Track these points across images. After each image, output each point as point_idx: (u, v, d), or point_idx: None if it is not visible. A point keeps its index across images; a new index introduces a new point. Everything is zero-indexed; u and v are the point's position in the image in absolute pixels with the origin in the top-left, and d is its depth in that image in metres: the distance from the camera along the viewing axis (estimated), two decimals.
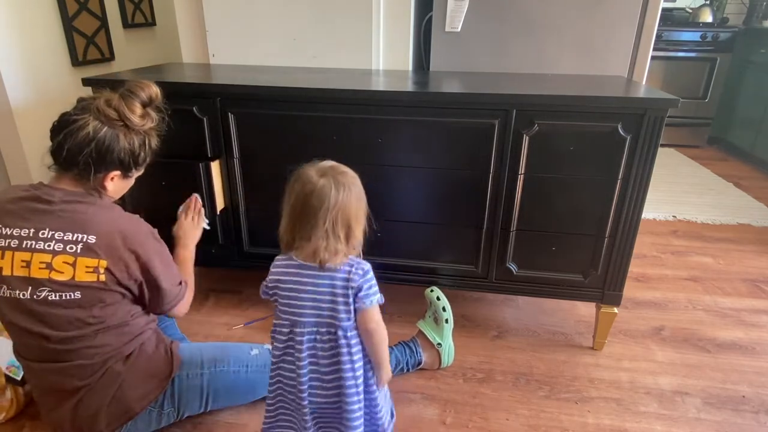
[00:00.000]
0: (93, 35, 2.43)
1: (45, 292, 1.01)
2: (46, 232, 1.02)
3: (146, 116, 1.11)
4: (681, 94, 3.59)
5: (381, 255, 1.58)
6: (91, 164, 1.04)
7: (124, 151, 1.07)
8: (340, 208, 0.93)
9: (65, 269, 1.01)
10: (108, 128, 1.05)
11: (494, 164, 1.41)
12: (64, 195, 1.04)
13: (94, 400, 1.08)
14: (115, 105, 1.06)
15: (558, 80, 1.61)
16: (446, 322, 1.45)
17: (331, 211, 0.92)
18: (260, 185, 1.57)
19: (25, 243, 1.01)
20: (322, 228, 0.92)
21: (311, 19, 1.87)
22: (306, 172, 0.95)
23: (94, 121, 1.04)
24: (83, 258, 1.02)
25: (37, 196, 1.04)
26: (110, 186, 1.10)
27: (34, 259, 1.01)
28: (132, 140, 1.08)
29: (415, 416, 1.33)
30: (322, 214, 0.92)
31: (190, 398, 1.21)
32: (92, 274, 1.02)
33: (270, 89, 1.45)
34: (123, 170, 1.10)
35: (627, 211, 1.39)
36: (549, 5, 1.84)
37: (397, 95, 1.40)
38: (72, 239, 1.02)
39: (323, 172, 0.94)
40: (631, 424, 1.32)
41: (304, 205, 0.93)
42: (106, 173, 1.07)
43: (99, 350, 1.07)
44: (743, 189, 3.04)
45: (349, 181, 0.95)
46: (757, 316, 1.79)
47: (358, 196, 0.97)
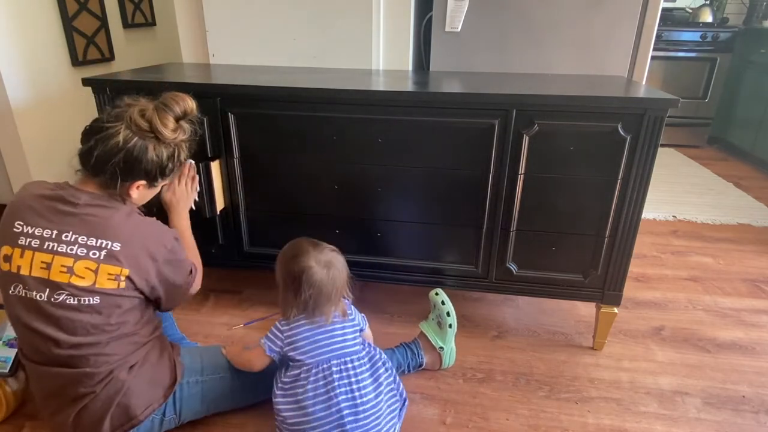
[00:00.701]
0: (93, 35, 2.43)
1: (63, 296, 1.01)
2: (69, 235, 1.01)
3: (178, 129, 1.11)
4: (681, 94, 3.61)
5: (381, 255, 1.59)
6: (118, 173, 1.05)
7: (152, 163, 1.07)
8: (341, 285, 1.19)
9: (87, 275, 1.01)
10: (138, 139, 1.05)
11: (494, 164, 1.41)
12: (89, 198, 1.04)
13: (98, 407, 1.08)
14: (148, 117, 1.06)
15: (558, 80, 1.61)
16: (449, 327, 1.45)
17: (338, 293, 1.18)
18: (260, 185, 1.57)
19: (47, 244, 1.01)
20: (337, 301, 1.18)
21: (311, 19, 1.87)
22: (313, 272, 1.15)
23: (125, 131, 1.04)
24: (106, 265, 1.02)
25: (62, 197, 1.03)
26: (135, 194, 1.11)
27: (55, 261, 1.00)
28: (161, 152, 1.08)
29: (415, 416, 1.33)
30: (333, 297, 1.17)
31: (191, 404, 1.21)
32: (113, 282, 1.03)
33: (270, 89, 1.45)
34: (149, 180, 1.11)
35: (627, 211, 1.39)
36: (549, 5, 1.84)
37: (397, 95, 1.40)
38: (96, 245, 1.02)
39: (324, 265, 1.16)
40: (631, 424, 1.32)
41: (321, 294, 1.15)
42: (132, 183, 1.08)
43: (107, 359, 1.07)
44: (743, 189, 3.04)
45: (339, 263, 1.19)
46: (757, 316, 1.79)
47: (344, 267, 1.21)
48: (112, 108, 1.08)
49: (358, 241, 1.58)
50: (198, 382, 1.22)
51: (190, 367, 1.22)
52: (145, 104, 1.08)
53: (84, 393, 1.07)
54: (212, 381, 1.24)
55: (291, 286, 1.16)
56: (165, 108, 1.08)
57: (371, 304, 1.80)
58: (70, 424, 1.09)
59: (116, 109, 1.07)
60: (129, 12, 2.70)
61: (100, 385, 1.07)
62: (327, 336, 1.17)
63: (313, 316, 1.17)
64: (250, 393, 1.30)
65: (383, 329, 1.67)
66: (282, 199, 1.57)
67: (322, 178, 1.51)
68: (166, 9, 3.00)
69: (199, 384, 1.22)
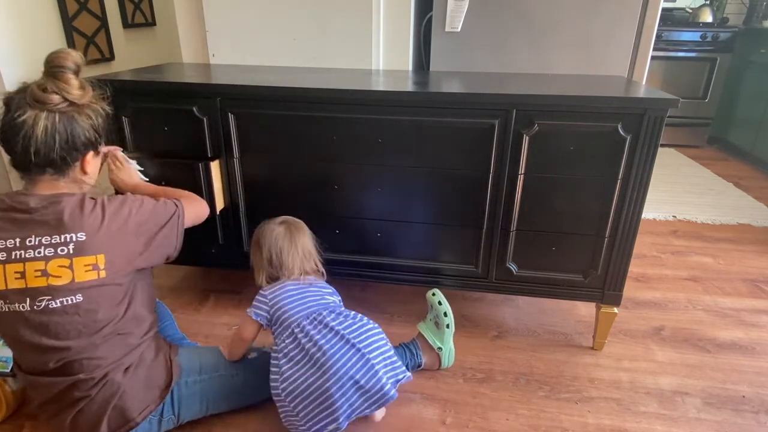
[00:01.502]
0: (93, 35, 2.43)
1: (45, 301, 0.99)
2: (32, 239, 0.98)
3: (84, 85, 1.04)
4: (681, 94, 3.61)
5: (381, 255, 1.59)
6: (66, 157, 1.00)
7: (87, 131, 1.03)
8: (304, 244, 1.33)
9: (63, 273, 0.99)
10: (59, 115, 0.99)
11: (494, 164, 1.41)
12: (38, 200, 1.00)
13: (94, 410, 1.07)
14: (51, 88, 0.98)
15: (558, 80, 1.61)
16: (447, 327, 1.45)
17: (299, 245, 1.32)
18: (260, 185, 1.57)
19: (13, 254, 0.98)
20: (300, 256, 1.31)
21: (311, 19, 1.87)
22: (269, 227, 1.33)
23: (42, 113, 0.97)
24: (79, 257, 0.99)
25: (13, 207, 0.99)
26: (90, 169, 1.07)
27: (28, 268, 0.97)
28: (88, 115, 1.03)
29: (415, 416, 1.33)
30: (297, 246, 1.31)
31: (189, 405, 1.21)
32: (92, 272, 1.00)
33: (270, 89, 1.45)
34: (94, 148, 1.07)
35: (627, 211, 1.39)
36: (549, 5, 1.84)
37: (397, 95, 1.40)
38: (61, 241, 0.99)
39: (280, 222, 1.34)
40: (631, 424, 1.32)
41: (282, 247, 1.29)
42: (81, 159, 1.04)
43: (100, 362, 1.06)
44: (743, 189, 3.04)
45: (300, 226, 1.36)
46: (757, 316, 1.79)
47: (310, 235, 1.37)
48: (6, 103, 1.00)
49: (358, 241, 1.58)
50: (196, 381, 1.21)
51: (188, 366, 1.21)
52: (37, 80, 1.01)
53: (79, 397, 1.06)
54: (211, 380, 1.23)
55: (255, 249, 1.32)
56: (59, 70, 1.01)
57: (371, 304, 1.80)
58: (67, 427, 1.09)
59: (14, 101, 0.99)
60: (129, 12, 2.70)
61: (95, 389, 1.06)
62: (305, 293, 1.26)
63: (281, 272, 1.28)
64: (250, 392, 1.29)
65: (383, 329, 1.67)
66: (282, 199, 1.57)
67: (321, 178, 1.51)
68: (166, 9, 3.00)
69: (198, 384, 1.21)
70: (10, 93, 1.00)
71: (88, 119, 1.03)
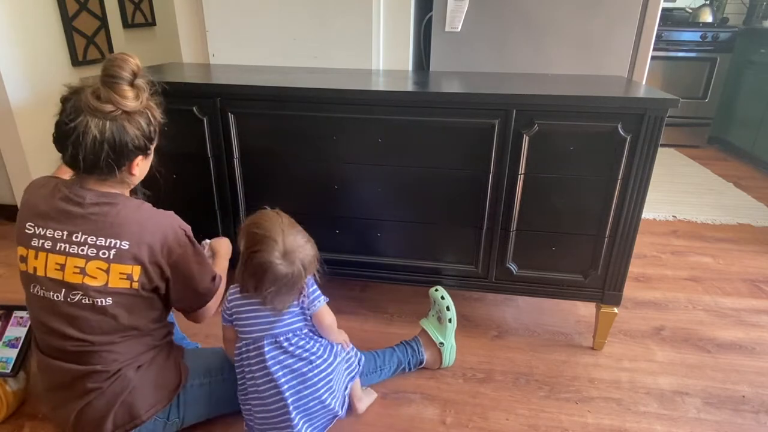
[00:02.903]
0: (93, 35, 2.43)
1: (78, 296, 1.02)
2: (79, 235, 1.01)
3: (139, 93, 1.04)
4: (681, 94, 3.61)
5: (380, 255, 1.59)
6: (112, 164, 1.02)
7: (136, 137, 1.04)
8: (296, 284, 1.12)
9: (99, 275, 1.01)
10: (110, 123, 1.00)
11: (494, 164, 1.41)
12: (94, 197, 1.03)
13: (102, 404, 1.08)
14: (105, 96, 1.00)
15: (558, 80, 1.61)
16: (449, 322, 1.45)
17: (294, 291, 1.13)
18: (260, 185, 1.57)
19: (58, 245, 1.01)
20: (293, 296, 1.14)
21: (311, 19, 1.87)
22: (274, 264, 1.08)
23: (93, 120, 0.99)
24: (117, 264, 1.02)
25: (68, 197, 1.03)
26: (137, 172, 1.09)
27: (69, 263, 1.01)
28: (138, 123, 1.04)
29: (415, 416, 1.33)
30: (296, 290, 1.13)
31: (195, 408, 1.21)
32: (125, 281, 1.03)
33: (270, 89, 1.45)
34: (142, 153, 1.08)
35: (627, 211, 1.39)
36: (549, 5, 1.84)
37: (397, 95, 1.40)
38: (105, 245, 1.01)
39: (284, 254, 1.08)
40: (631, 424, 1.32)
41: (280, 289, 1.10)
42: (129, 163, 1.06)
43: (118, 356, 1.07)
44: (743, 189, 3.04)
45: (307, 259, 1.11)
46: (757, 316, 1.79)
47: (311, 261, 1.13)
48: (63, 103, 1.02)
49: (358, 241, 1.58)
50: (202, 384, 1.21)
51: (194, 369, 1.21)
52: (93, 85, 1.02)
53: (91, 388, 1.07)
54: (216, 383, 1.23)
55: (251, 275, 1.10)
56: (114, 79, 1.01)
57: (371, 304, 1.80)
58: (73, 419, 1.09)
59: (68, 102, 1.01)
60: (129, 12, 2.70)
61: (107, 381, 1.07)
62: (265, 315, 1.15)
63: (266, 304, 1.13)
64: None
65: (383, 329, 1.67)
66: (282, 199, 1.57)
67: (322, 178, 1.51)
68: (166, 9, 3.00)
69: (204, 387, 1.21)
70: (67, 93, 1.03)
71: (139, 126, 1.04)
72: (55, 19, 2.25)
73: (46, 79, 2.23)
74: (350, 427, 1.29)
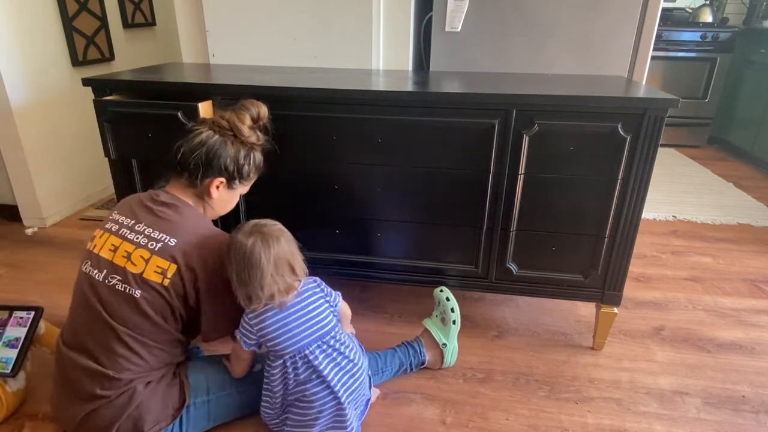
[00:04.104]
0: (93, 35, 2.43)
1: (115, 280, 1.08)
2: (141, 225, 1.12)
3: (254, 130, 1.22)
4: (681, 94, 3.61)
5: (381, 255, 1.59)
6: (199, 166, 1.15)
7: (230, 158, 1.17)
8: (276, 256, 1.10)
9: (139, 263, 1.08)
10: (218, 136, 1.17)
11: (494, 164, 1.41)
12: (168, 197, 1.16)
13: (109, 414, 1.08)
14: (227, 117, 1.18)
15: (558, 80, 1.61)
16: (453, 323, 1.45)
17: (269, 261, 1.08)
18: (260, 185, 1.56)
19: (121, 231, 1.12)
20: (268, 276, 1.08)
21: (311, 19, 1.87)
22: (236, 240, 1.10)
23: (208, 131, 1.17)
24: (157, 257, 1.08)
25: (150, 195, 1.17)
26: (215, 194, 1.19)
27: (122, 246, 1.10)
28: (238, 149, 1.18)
29: (414, 416, 1.33)
30: (263, 266, 1.08)
31: (197, 423, 1.20)
32: (159, 275, 1.08)
33: (270, 89, 1.45)
34: (228, 178, 1.19)
35: (627, 211, 1.39)
36: (549, 5, 1.84)
37: (397, 95, 1.40)
38: (156, 237, 1.10)
39: (249, 232, 1.10)
40: (631, 424, 1.32)
41: (248, 265, 1.08)
42: (212, 179, 1.17)
43: (132, 367, 1.09)
44: (743, 189, 3.04)
45: (275, 232, 1.12)
46: (757, 316, 1.79)
47: (287, 239, 1.14)
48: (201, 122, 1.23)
49: (358, 241, 1.58)
50: (204, 402, 1.21)
51: (195, 386, 1.20)
52: (225, 111, 1.21)
53: (100, 395, 1.07)
54: (218, 399, 1.23)
55: (226, 263, 1.11)
56: (242, 109, 1.21)
57: (371, 304, 1.80)
58: (77, 423, 1.09)
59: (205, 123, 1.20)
60: (129, 12, 2.70)
61: (117, 391, 1.08)
62: (303, 317, 1.13)
63: (254, 294, 1.09)
64: (257, 404, 1.27)
65: (383, 329, 1.67)
66: (282, 199, 1.57)
67: (322, 178, 1.51)
68: (166, 9, 3.00)
69: (206, 404, 1.21)
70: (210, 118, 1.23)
71: (237, 152, 1.18)
72: (55, 19, 2.25)
73: (46, 79, 2.23)
74: None
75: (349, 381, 1.18)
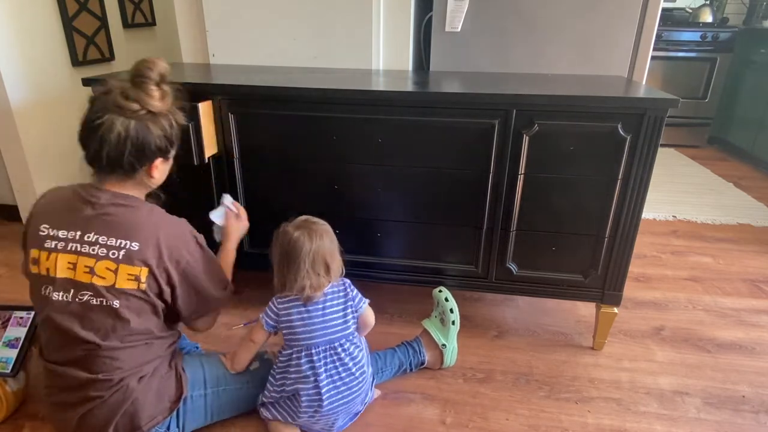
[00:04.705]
0: (93, 35, 2.43)
1: (87, 296, 1.03)
2: (91, 236, 1.03)
3: (164, 95, 1.08)
4: (681, 94, 3.60)
5: (381, 255, 1.59)
6: (134, 163, 1.05)
7: (159, 138, 1.06)
8: (316, 252, 1.16)
9: (107, 275, 1.02)
10: (135, 122, 1.03)
11: (494, 164, 1.41)
12: (109, 197, 1.05)
13: (104, 413, 1.07)
14: (133, 96, 1.03)
15: (558, 80, 1.61)
16: (453, 324, 1.45)
17: (308, 254, 1.15)
18: (260, 185, 1.57)
19: (70, 245, 1.03)
20: (304, 269, 1.15)
21: (311, 19, 1.87)
22: (285, 230, 1.18)
23: (119, 119, 1.02)
24: (125, 265, 1.03)
25: (83, 197, 1.05)
26: (157, 174, 1.11)
27: (80, 262, 1.02)
28: (161, 124, 1.07)
29: (414, 416, 1.33)
30: (302, 258, 1.15)
31: (194, 418, 1.20)
32: (133, 282, 1.03)
33: (270, 89, 1.45)
34: (163, 155, 1.10)
35: (627, 211, 1.39)
36: (549, 5, 1.84)
37: (397, 95, 1.40)
38: (115, 245, 1.02)
39: (298, 225, 1.18)
40: (631, 424, 1.32)
41: (288, 255, 1.16)
42: (150, 164, 1.08)
43: (122, 365, 1.07)
44: (743, 189, 3.04)
45: (321, 229, 1.19)
46: (757, 316, 1.79)
47: (331, 239, 1.21)
48: (91, 101, 1.05)
49: (358, 241, 1.57)
50: (201, 395, 1.21)
51: (192, 379, 1.20)
52: (121, 85, 1.05)
53: (93, 396, 1.06)
54: (215, 394, 1.22)
55: (273, 250, 1.19)
56: (142, 79, 1.05)
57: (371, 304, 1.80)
58: (74, 426, 1.08)
59: (97, 102, 1.04)
60: (129, 12, 2.70)
61: (109, 391, 1.07)
62: (320, 317, 1.18)
63: (289, 283, 1.16)
64: (254, 402, 1.29)
65: (383, 329, 1.67)
66: (282, 199, 1.57)
67: (322, 178, 1.51)
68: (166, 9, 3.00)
69: (203, 398, 1.21)
70: (97, 93, 1.06)
71: (162, 128, 1.07)
72: (55, 19, 2.25)
73: (46, 79, 2.23)
74: (350, 426, 1.29)
75: (341, 393, 1.19)
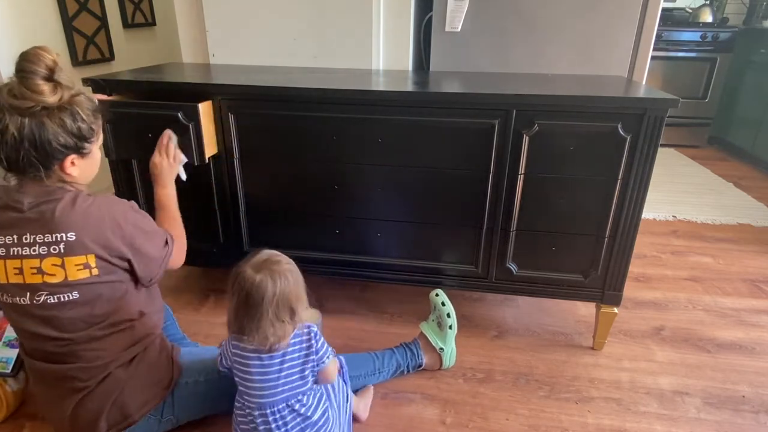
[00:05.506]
0: (93, 35, 2.43)
1: (43, 296, 1.01)
2: (27, 237, 0.99)
3: (57, 88, 0.98)
4: (681, 94, 3.59)
5: (381, 255, 1.59)
6: (37, 162, 0.97)
7: (61, 135, 0.98)
8: (280, 296, 0.98)
9: (56, 271, 1.00)
10: (29, 119, 0.94)
11: (494, 164, 1.41)
12: (31, 198, 1.00)
13: (95, 403, 1.08)
14: (19, 93, 0.95)
15: (558, 80, 1.61)
16: (450, 328, 1.45)
17: (272, 301, 0.98)
18: (260, 185, 1.57)
19: (12, 250, 0.99)
20: (267, 318, 0.98)
21: (311, 19, 1.87)
22: (243, 271, 0.99)
23: (12, 118, 0.94)
24: (70, 257, 1.00)
25: (7, 204, 1.00)
26: (74, 171, 1.03)
27: (25, 265, 0.99)
28: (60, 120, 0.97)
29: (414, 416, 1.33)
30: (265, 306, 0.97)
31: (189, 406, 1.20)
32: (84, 271, 1.01)
33: (270, 89, 1.45)
34: (75, 152, 1.01)
35: (627, 211, 1.39)
36: (549, 5, 1.84)
37: (397, 95, 1.40)
38: (52, 240, 0.99)
39: (258, 266, 1.00)
40: (631, 424, 1.32)
41: (247, 301, 0.98)
42: (60, 162, 1.00)
43: (101, 353, 1.07)
44: (743, 189, 3.04)
45: (284, 269, 1.01)
46: (757, 316, 1.79)
47: (296, 281, 1.02)
48: None
49: (358, 241, 1.58)
50: (198, 382, 1.21)
51: (189, 367, 1.21)
52: (9, 82, 0.98)
53: (79, 387, 1.07)
54: (212, 381, 1.23)
55: (229, 295, 1.02)
56: (26, 74, 0.96)
57: (371, 304, 1.80)
58: (68, 420, 1.09)
59: None
60: (129, 12, 2.70)
61: (95, 379, 1.07)
62: (275, 372, 1.03)
63: (253, 337, 1.00)
64: None
65: (383, 329, 1.67)
66: (282, 199, 1.57)
67: (321, 178, 1.51)
68: (166, 9, 3.00)
69: (199, 384, 1.21)
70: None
71: (61, 124, 0.98)
72: (55, 19, 2.25)
73: None
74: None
75: None
